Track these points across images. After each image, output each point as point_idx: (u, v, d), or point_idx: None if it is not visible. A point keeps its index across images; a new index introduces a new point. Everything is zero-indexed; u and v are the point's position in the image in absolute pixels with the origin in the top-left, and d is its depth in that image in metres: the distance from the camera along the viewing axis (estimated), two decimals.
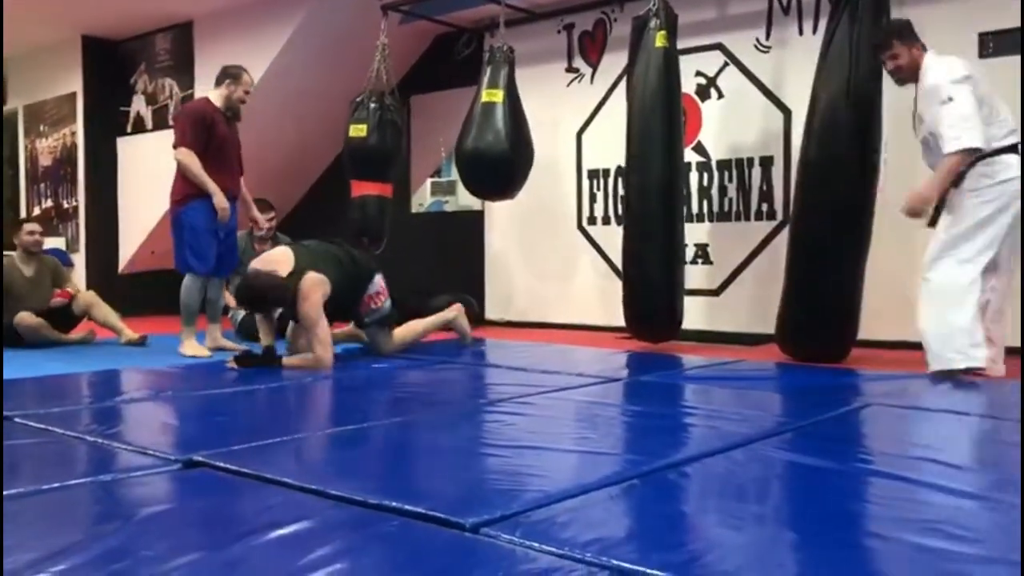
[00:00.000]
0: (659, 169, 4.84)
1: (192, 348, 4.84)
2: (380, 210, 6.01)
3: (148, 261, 7.78)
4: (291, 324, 4.57)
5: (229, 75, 4.97)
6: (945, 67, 3.70)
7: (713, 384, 3.57)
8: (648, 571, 1.44)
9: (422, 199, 7.48)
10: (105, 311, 5.54)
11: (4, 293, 5.27)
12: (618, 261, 6.01)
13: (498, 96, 5.33)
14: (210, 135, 4.87)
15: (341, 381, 3.76)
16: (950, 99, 3.60)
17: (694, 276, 5.62)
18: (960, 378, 3.60)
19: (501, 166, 5.37)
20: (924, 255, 3.81)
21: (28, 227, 5.61)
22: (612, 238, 6.14)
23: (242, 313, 5.76)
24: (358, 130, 5.77)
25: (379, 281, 4.50)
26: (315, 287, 4.07)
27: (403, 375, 3.90)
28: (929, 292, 3.72)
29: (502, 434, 2.68)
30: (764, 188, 5.56)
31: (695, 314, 5.37)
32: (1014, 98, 4.52)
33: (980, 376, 3.65)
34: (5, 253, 5.61)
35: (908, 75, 3.85)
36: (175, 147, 4.91)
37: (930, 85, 3.70)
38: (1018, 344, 4.44)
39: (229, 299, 5.87)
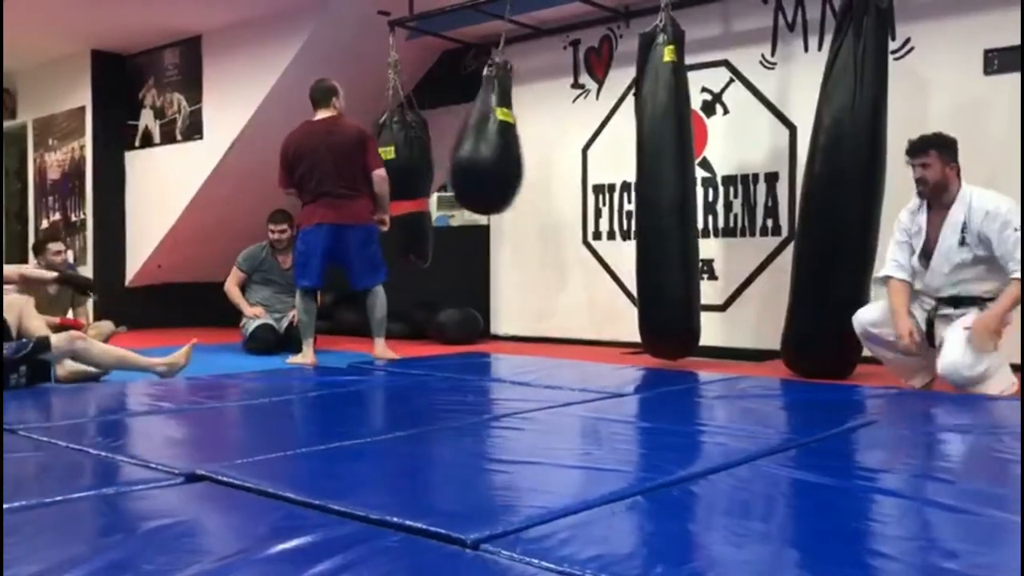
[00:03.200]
0: (672, 184, 4.84)
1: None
2: (421, 226, 6.10)
3: (155, 275, 7.81)
4: None
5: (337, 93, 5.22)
6: (1005, 199, 3.78)
7: (717, 400, 3.56)
8: None
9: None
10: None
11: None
12: (624, 276, 6.02)
13: (511, 118, 5.37)
14: None
15: (344, 395, 3.76)
16: (1021, 229, 3.66)
17: (701, 291, 5.61)
18: None
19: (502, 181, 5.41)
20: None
21: (54, 247, 5.61)
22: (618, 253, 6.15)
23: (253, 324, 5.78)
24: (386, 152, 5.83)
25: None
26: None
27: (406, 390, 3.90)
28: None
29: (505, 449, 2.68)
30: (769, 204, 5.57)
31: (701, 329, 5.37)
32: (1014, 114, 4.54)
33: None
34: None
35: (931, 189, 3.83)
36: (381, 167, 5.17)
37: (1004, 209, 3.71)
38: (1018, 361, 4.43)
39: (247, 309, 5.89)
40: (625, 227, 6.16)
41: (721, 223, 5.77)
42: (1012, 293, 3.64)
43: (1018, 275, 3.60)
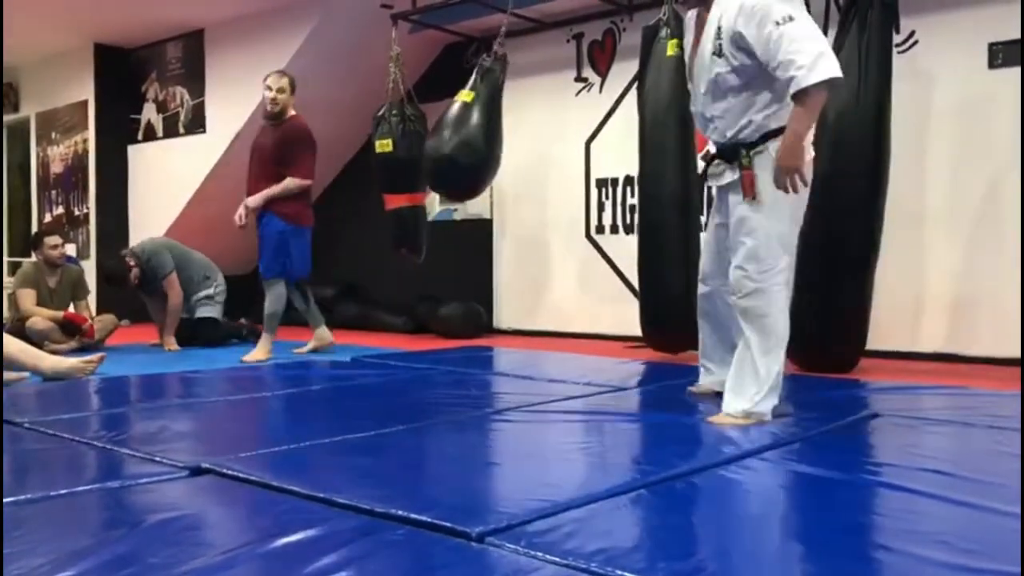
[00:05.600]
0: (674, 178, 4.82)
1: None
2: (415, 220, 6.04)
3: None
4: None
5: None
6: None
7: (722, 394, 3.55)
8: None
9: (431, 208, 7.49)
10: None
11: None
12: (626, 270, 6.02)
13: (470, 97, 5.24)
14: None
15: (349, 389, 3.76)
16: (790, 18, 2.72)
17: None
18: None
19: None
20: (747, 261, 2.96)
21: (51, 240, 5.61)
22: (620, 247, 6.14)
23: None
24: (384, 145, 5.79)
25: None
26: None
27: (410, 383, 3.91)
28: (769, 329, 2.92)
29: (509, 443, 2.68)
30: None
31: None
32: (1018, 108, 4.53)
33: None
34: (28, 261, 5.66)
35: None
36: None
37: (754, 3, 2.78)
38: (1017, 354, 4.43)
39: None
40: (628, 221, 6.15)
41: None
42: (810, 104, 2.73)
43: (811, 80, 2.67)
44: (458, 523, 1.70)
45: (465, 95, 5.22)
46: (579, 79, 6.40)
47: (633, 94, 5.34)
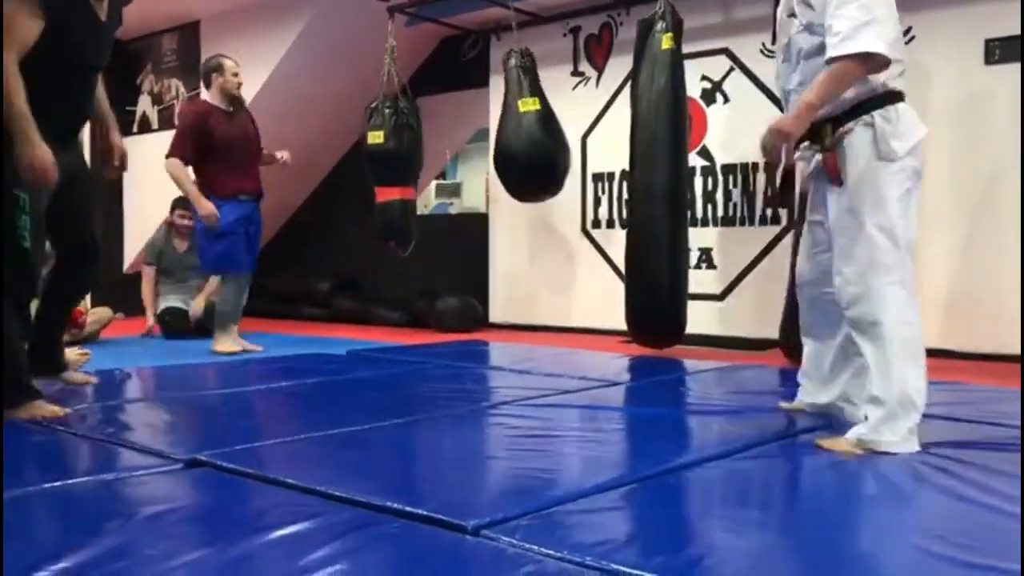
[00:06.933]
0: (664, 172, 4.82)
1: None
2: (404, 213, 6.03)
3: None
4: None
5: (213, 68, 4.93)
6: None
7: (716, 389, 3.57)
8: (648, 575, 1.44)
9: (427, 201, 7.49)
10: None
11: None
12: (622, 264, 6.01)
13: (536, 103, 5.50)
14: (210, 139, 4.81)
15: (344, 383, 3.76)
16: None
17: (698, 281, 5.61)
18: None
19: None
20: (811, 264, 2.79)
21: None
22: (616, 242, 6.14)
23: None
24: (375, 137, 5.78)
25: None
26: None
27: (405, 377, 3.91)
28: (884, 339, 2.42)
29: (504, 437, 2.68)
30: (768, 193, 5.56)
31: (699, 319, 5.37)
32: (1016, 104, 4.53)
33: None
34: None
35: None
36: (166, 156, 4.85)
37: None
38: (1018, 351, 4.43)
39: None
40: (624, 215, 6.15)
41: (720, 212, 5.76)
42: (829, 76, 2.44)
43: (841, 51, 2.41)
44: (453, 516, 1.70)
45: (530, 103, 5.49)
46: (575, 73, 6.39)
47: (629, 89, 5.33)
